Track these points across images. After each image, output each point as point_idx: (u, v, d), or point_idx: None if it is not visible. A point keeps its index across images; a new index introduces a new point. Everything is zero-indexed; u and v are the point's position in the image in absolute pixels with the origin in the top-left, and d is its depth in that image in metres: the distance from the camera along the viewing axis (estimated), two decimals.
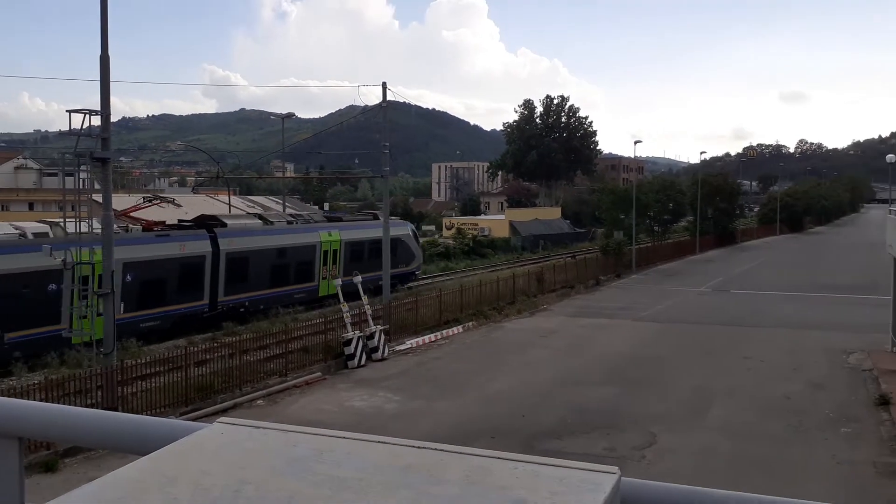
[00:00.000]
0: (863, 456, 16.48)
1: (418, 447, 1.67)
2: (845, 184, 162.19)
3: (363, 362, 25.20)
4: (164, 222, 32.20)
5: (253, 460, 1.59)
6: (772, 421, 18.85)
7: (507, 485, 1.47)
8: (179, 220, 34.23)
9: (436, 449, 1.65)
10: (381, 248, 38.92)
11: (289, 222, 37.48)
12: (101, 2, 18.86)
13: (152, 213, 33.60)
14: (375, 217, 46.26)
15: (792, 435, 17.81)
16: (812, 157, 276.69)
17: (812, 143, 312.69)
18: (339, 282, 28.30)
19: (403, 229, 44.74)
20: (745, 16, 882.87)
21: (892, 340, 25.76)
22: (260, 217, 37.24)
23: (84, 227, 22.40)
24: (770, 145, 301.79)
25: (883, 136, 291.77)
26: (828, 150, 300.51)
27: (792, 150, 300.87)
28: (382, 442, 1.69)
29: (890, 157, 53.21)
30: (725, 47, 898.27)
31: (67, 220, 24.37)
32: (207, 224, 32.25)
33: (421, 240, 53.22)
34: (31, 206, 63.70)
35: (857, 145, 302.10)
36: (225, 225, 32.78)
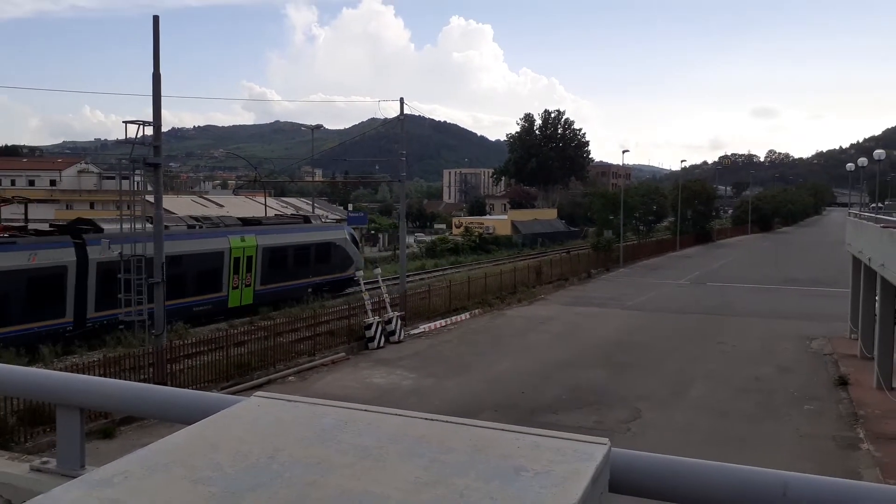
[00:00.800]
0: (823, 431, 16.40)
1: (430, 419, 1.67)
2: (809, 189, 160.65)
3: (382, 344, 25.21)
4: (25, 227, 26.81)
5: (286, 430, 1.59)
6: (744, 399, 18.77)
7: (509, 453, 1.47)
8: (50, 224, 28.34)
9: (446, 421, 1.65)
10: (309, 255, 34.19)
11: (190, 226, 29.91)
12: (154, 27, 19.08)
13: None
14: (306, 220, 38.62)
15: (761, 412, 17.73)
16: (780, 166, 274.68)
17: (780, 153, 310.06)
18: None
19: (339, 233, 37.97)
20: (721, 41, 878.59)
21: (850, 328, 25.56)
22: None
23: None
24: (743, 155, 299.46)
25: (843, 147, 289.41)
26: (794, 160, 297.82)
27: (762, 159, 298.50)
28: (399, 414, 1.69)
29: (849, 166, 52.73)
30: (703, 68, 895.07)
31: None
32: (78, 229, 25.42)
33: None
34: (91, 206, 64.19)
35: (820, 155, 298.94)
36: (101, 230, 25.44)
